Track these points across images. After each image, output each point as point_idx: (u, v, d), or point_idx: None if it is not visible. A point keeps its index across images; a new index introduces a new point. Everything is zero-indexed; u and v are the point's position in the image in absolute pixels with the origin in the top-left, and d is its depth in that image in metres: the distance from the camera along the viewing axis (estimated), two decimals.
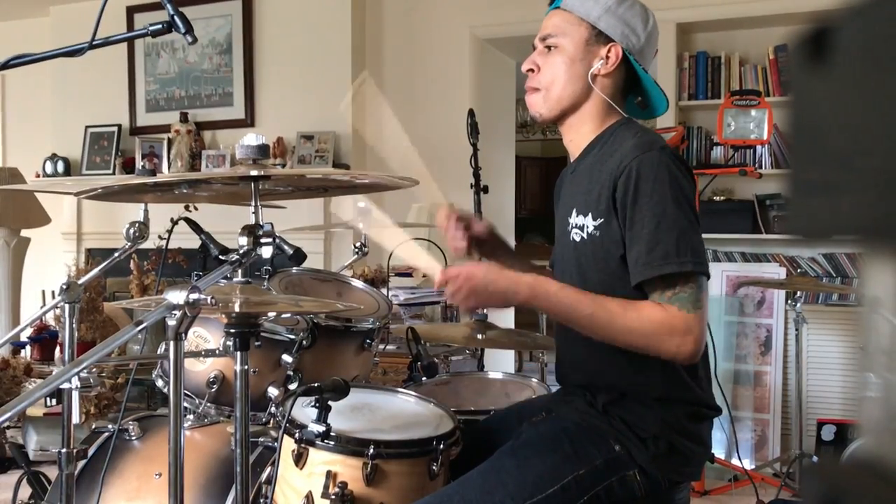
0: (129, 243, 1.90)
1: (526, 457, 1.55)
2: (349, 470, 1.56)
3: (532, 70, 1.70)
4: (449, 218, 1.83)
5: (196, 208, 3.54)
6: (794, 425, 3.80)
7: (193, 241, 1.74)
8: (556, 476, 1.52)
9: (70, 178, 5.63)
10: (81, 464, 1.91)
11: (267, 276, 2.03)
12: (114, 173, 5.55)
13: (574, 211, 1.66)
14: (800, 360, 3.63)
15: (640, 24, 1.67)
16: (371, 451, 1.55)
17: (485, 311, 1.51)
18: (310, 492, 1.57)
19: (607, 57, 1.65)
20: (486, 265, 1.56)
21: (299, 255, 1.55)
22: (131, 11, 5.43)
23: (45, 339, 4.17)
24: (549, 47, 1.68)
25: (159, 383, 2.09)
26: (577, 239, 1.63)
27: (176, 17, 1.57)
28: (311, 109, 5.11)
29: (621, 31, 1.65)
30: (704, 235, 1.58)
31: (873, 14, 0.38)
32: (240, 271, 1.49)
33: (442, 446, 1.62)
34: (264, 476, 1.75)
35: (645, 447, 1.55)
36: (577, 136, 1.72)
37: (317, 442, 1.58)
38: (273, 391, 1.91)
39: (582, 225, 1.62)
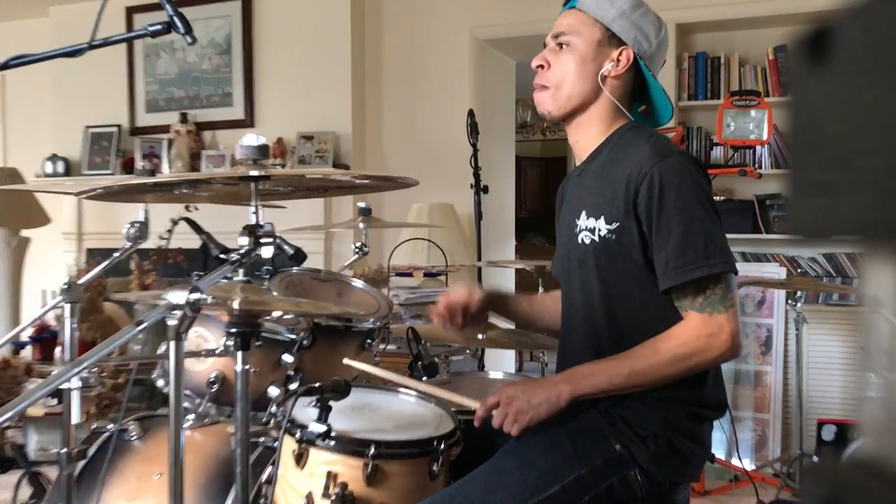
0: (130, 243, 1.90)
1: (527, 456, 1.55)
2: (350, 470, 1.56)
3: (542, 66, 1.70)
4: (444, 315, 1.88)
5: (196, 208, 3.53)
6: (794, 425, 3.80)
7: (194, 241, 1.74)
8: (558, 476, 1.52)
9: (70, 179, 5.63)
10: (81, 464, 1.91)
11: (267, 276, 2.03)
12: (114, 173, 5.55)
13: (584, 213, 1.65)
14: (800, 360, 3.63)
15: (653, 32, 1.68)
16: (372, 451, 1.55)
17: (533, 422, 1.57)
18: (310, 492, 1.57)
19: (618, 59, 1.65)
20: (518, 383, 1.60)
21: (300, 255, 1.55)
22: (131, 12, 5.43)
23: (45, 338, 4.17)
24: (560, 45, 1.68)
25: (160, 383, 2.09)
26: (587, 241, 1.63)
27: (175, 18, 1.57)
28: (311, 109, 5.11)
29: (634, 35, 1.66)
30: None
31: (873, 14, 0.38)
32: (240, 271, 1.49)
33: (442, 446, 1.61)
34: (265, 476, 1.75)
35: (645, 447, 1.55)
36: (585, 136, 1.72)
37: (317, 442, 1.58)
38: (273, 391, 1.91)
39: (593, 227, 1.62)
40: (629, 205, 1.55)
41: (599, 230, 1.61)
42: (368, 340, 2.13)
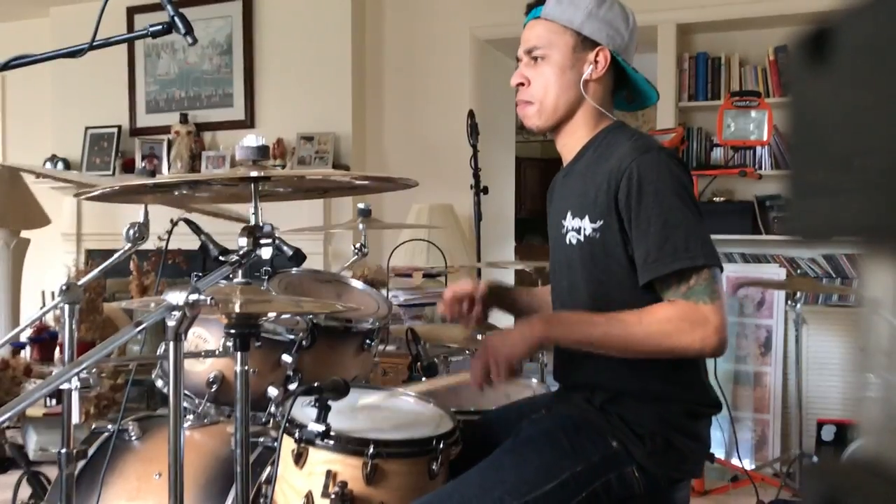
0: (129, 244, 1.90)
1: (524, 454, 1.55)
2: (349, 469, 1.56)
3: (522, 84, 1.69)
4: (451, 305, 1.89)
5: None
6: (793, 425, 3.80)
7: (193, 242, 1.73)
8: (554, 472, 1.52)
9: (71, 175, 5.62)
10: (81, 464, 1.91)
11: (267, 277, 2.03)
12: (114, 174, 5.54)
13: (569, 213, 1.66)
14: (800, 360, 3.63)
15: (623, 23, 1.67)
16: (371, 450, 1.55)
17: (520, 365, 1.56)
18: (310, 491, 1.57)
19: (596, 61, 1.65)
20: (494, 334, 1.62)
21: (299, 256, 1.55)
22: (132, 12, 5.43)
23: (44, 339, 4.17)
24: (535, 59, 1.68)
25: (159, 384, 2.09)
26: (574, 241, 1.64)
27: (176, 18, 1.57)
28: (311, 110, 5.11)
29: (606, 33, 1.65)
30: None
31: (873, 14, 0.38)
32: (240, 272, 1.49)
33: (442, 446, 1.62)
34: (264, 476, 1.75)
35: (642, 444, 1.55)
36: (571, 140, 1.72)
37: (317, 441, 1.58)
38: (273, 391, 1.91)
39: (578, 227, 1.62)
40: (611, 201, 1.56)
41: (585, 229, 1.61)
42: (368, 341, 2.13)
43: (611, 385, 1.60)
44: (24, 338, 4.11)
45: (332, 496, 1.54)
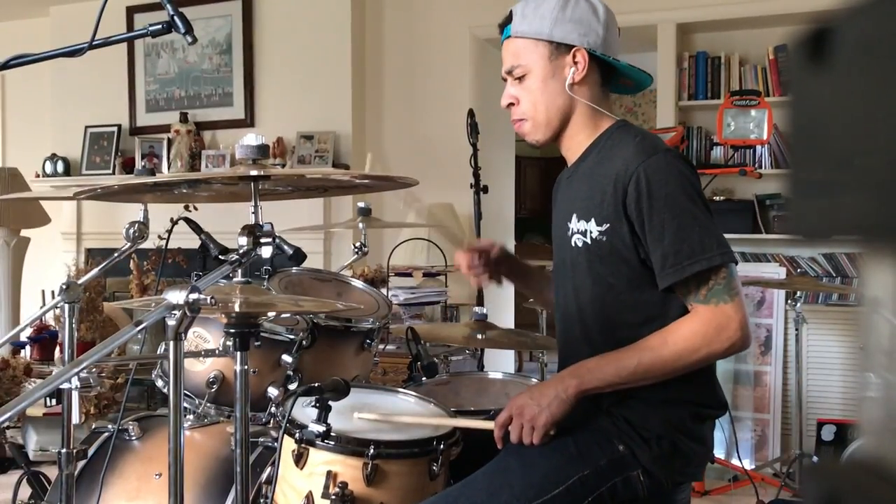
0: (129, 243, 1.90)
1: (531, 457, 1.55)
2: (349, 470, 1.56)
3: (512, 104, 1.71)
4: (469, 254, 1.89)
5: (196, 208, 3.53)
6: (794, 425, 3.80)
7: (193, 241, 1.74)
8: (562, 477, 1.52)
9: (70, 178, 5.62)
10: (81, 464, 1.91)
11: (267, 276, 2.03)
12: (114, 173, 5.54)
13: (574, 216, 1.66)
14: (800, 359, 3.63)
15: (593, 18, 1.66)
16: (371, 451, 1.55)
17: (552, 431, 1.55)
18: (310, 492, 1.57)
19: (575, 62, 1.65)
20: (524, 390, 1.61)
21: (299, 255, 1.55)
22: (131, 12, 5.43)
23: (44, 339, 4.17)
24: (517, 78, 1.69)
25: (159, 383, 2.09)
26: (580, 244, 1.64)
27: (176, 18, 1.57)
28: (311, 109, 5.11)
29: (578, 32, 1.64)
30: None
31: (873, 14, 0.38)
32: (240, 271, 1.49)
33: (442, 446, 1.62)
34: (264, 476, 1.75)
35: (648, 447, 1.55)
36: (574, 143, 1.72)
37: (317, 442, 1.58)
38: (273, 391, 1.91)
39: (584, 230, 1.62)
40: (619, 205, 1.56)
41: (591, 232, 1.61)
42: (368, 340, 2.13)
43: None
44: (24, 337, 4.12)
45: (333, 497, 1.54)
